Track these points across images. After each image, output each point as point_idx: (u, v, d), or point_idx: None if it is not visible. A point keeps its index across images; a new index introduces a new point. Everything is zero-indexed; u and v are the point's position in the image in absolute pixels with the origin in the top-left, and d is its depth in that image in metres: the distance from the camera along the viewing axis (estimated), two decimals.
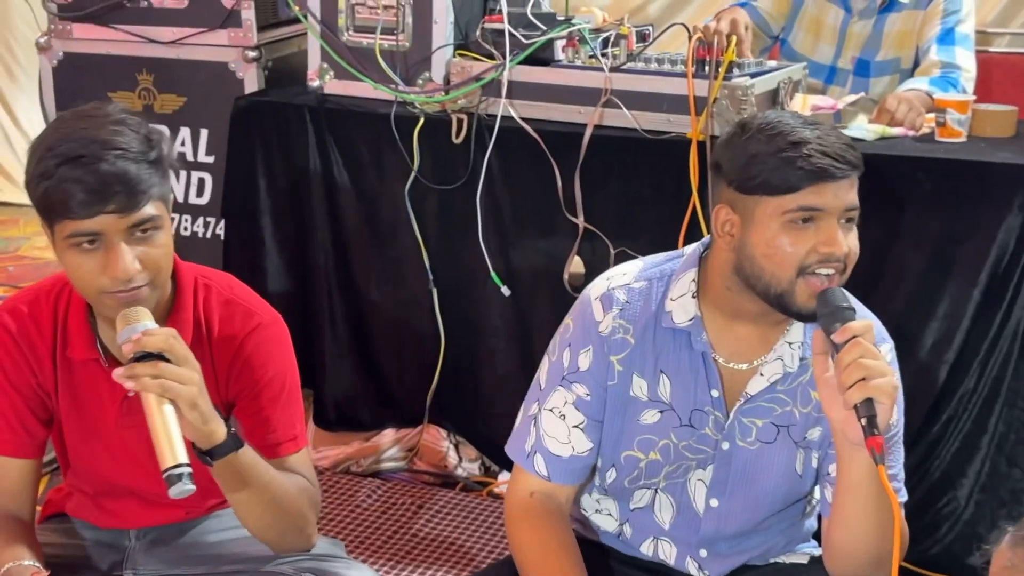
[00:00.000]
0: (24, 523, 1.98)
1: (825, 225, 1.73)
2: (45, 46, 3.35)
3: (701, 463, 1.89)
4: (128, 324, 1.75)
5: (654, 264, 1.92)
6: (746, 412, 1.86)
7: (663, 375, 1.87)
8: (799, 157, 1.71)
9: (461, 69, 2.81)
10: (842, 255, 1.73)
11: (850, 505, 1.76)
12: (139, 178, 1.74)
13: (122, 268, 1.75)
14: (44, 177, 1.73)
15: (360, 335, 3.07)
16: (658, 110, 2.64)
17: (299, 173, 3.00)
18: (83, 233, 1.75)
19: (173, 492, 1.69)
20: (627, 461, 1.91)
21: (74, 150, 1.72)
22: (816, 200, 1.72)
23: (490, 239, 2.85)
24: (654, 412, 1.88)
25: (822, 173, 1.71)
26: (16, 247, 5.04)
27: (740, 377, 1.86)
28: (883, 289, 2.51)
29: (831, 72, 3.28)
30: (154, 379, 1.71)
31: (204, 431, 1.76)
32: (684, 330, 1.85)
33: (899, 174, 2.52)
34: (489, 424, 2.99)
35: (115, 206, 1.73)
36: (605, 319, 1.88)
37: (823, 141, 1.72)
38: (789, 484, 1.89)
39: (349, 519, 2.83)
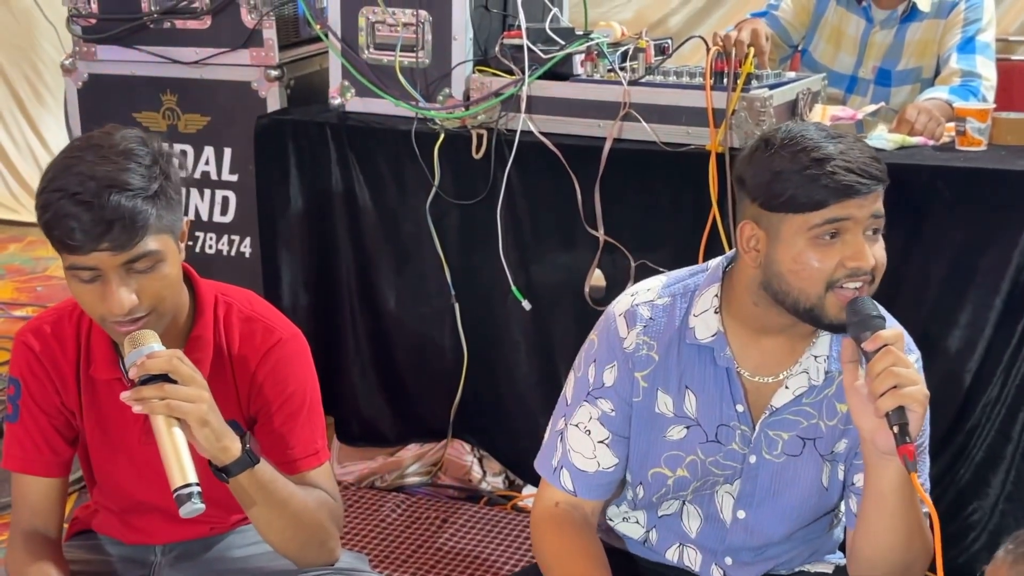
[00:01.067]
0: (51, 541, 2.00)
1: (851, 238, 1.73)
2: (70, 68, 3.38)
3: (728, 478, 1.90)
4: (134, 347, 1.77)
5: (678, 279, 1.92)
6: (772, 425, 1.86)
7: (688, 391, 1.88)
8: (823, 175, 1.71)
9: (480, 85, 2.83)
10: (869, 268, 1.73)
11: (877, 514, 1.77)
12: (135, 215, 1.73)
13: (116, 303, 1.77)
14: (44, 209, 1.75)
15: (383, 350, 3.09)
16: (677, 123, 2.65)
17: (321, 190, 3.02)
18: (79, 267, 1.77)
19: (184, 511, 1.71)
20: (654, 478, 1.92)
21: (72, 186, 1.72)
22: (841, 213, 1.72)
23: (510, 253, 2.86)
24: (680, 428, 1.89)
25: (847, 190, 1.70)
26: (44, 267, 5.08)
27: (765, 390, 1.86)
28: (905, 298, 2.50)
29: (852, 82, 3.28)
30: (160, 401, 1.73)
31: (218, 447, 1.77)
32: (708, 346, 1.85)
33: (919, 183, 2.52)
34: (512, 438, 3.00)
35: (109, 244, 1.73)
36: (629, 335, 1.89)
37: (847, 156, 1.72)
38: (816, 497, 1.89)
39: (374, 533, 2.84)
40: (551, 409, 2.01)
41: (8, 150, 5.71)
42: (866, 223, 1.73)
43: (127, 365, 1.77)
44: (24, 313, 4.50)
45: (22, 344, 1.99)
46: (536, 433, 2.82)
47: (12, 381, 2.00)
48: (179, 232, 1.85)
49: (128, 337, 1.78)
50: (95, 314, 1.82)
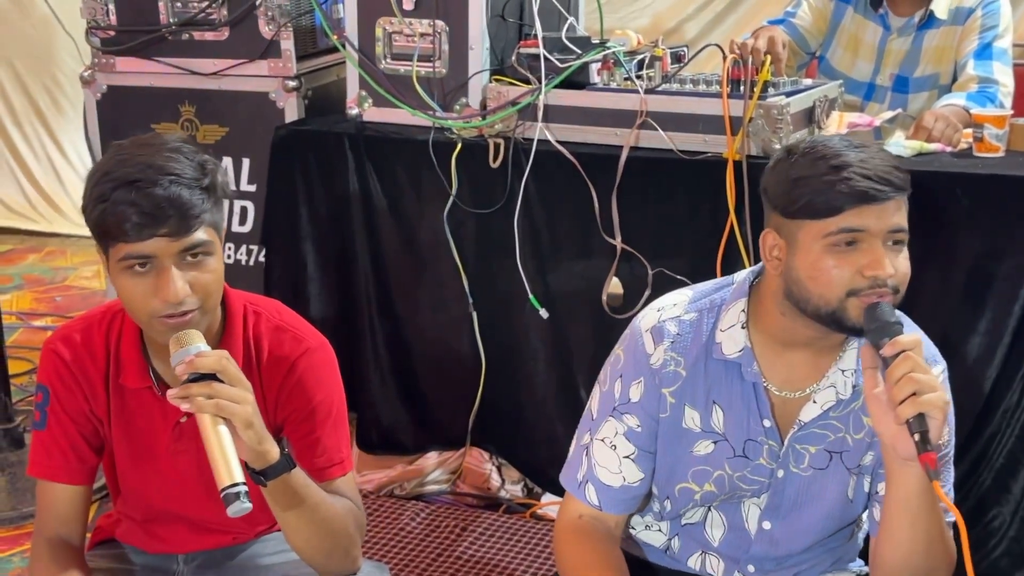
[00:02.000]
0: (75, 548, 2.01)
1: (868, 247, 1.72)
2: (89, 79, 3.40)
3: (756, 492, 1.90)
4: (181, 347, 1.78)
5: (704, 294, 1.92)
6: (800, 439, 1.86)
7: (716, 406, 1.88)
8: (840, 180, 1.71)
9: (497, 94, 2.84)
10: (887, 276, 1.72)
11: (899, 521, 1.76)
12: (191, 203, 1.78)
13: (172, 291, 1.79)
14: (100, 200, 1.78)
15: (401, 359, 3.10)
16: (694, 130, 2.66)
17: (339, 199, 3.04)
18: (135, 256, 1.79)
19: (231, 511, 1.71)
20: (682, 493, 1.92)
21: (130, 175, 1.77)
22: (857, 222, 1.72)
23: (528, 262, 2.87)
24: (707, 443, 1.89)
25: (863, 196, 1.71)
26: (63, 277, 5.11)
27: (793, 405, 1.86)
28: (924, 305, 2.49)
29: (870, 89, 3.28)
30: (208, 399, 1.74)
31: (258, 451, 1.78)
32: (735, 361, 1.85)
33: (937, 190, 2.51)
34: (530, 446, 3.01)
35: (167, 229, 1.77)
36: (656, 351, 1.89)
37: (866, 164, 1.72)
38: (841, 509, 1.90)
39: (394, 542, 2.85)
40: (569, 417, 2.02)
41: (28, 160, 5.75)
42: (884, 235, 1.73)
43: (174, 363, 1.78)
44: (43, 323, 4.53)
45: (51, 352, 2.00)
46: (555, 441, 2.87)
47: (41, 388, 2.01)
48: (223, 231, 1.88)
49: (174, 337, 1.80)
50: (145, 309, 1.82)
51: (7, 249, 5.50)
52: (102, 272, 5.08)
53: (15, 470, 3.19)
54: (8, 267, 5.24)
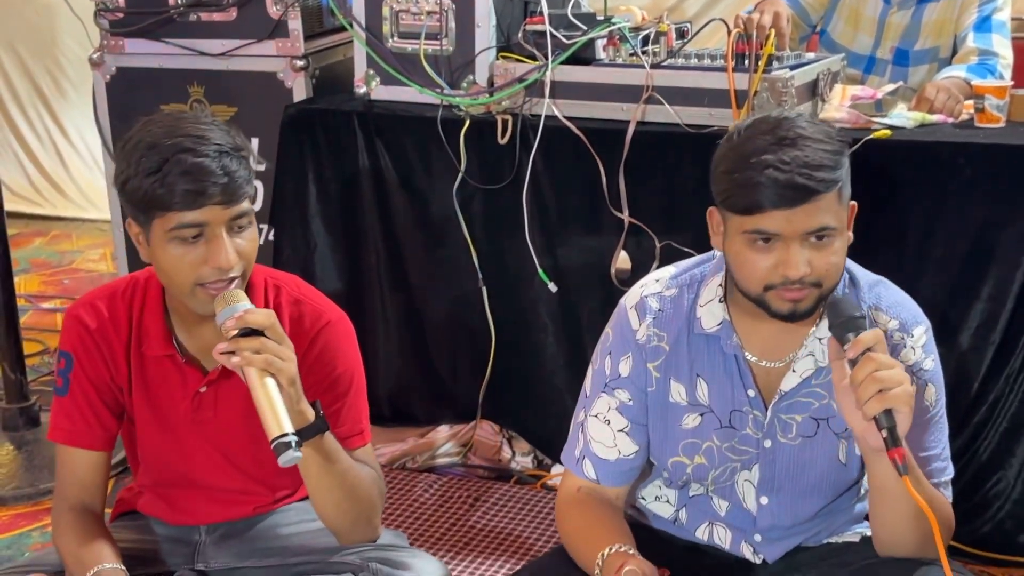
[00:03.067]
0: (98, 516, 2.05)
1: (783, 246, 1.75)
2: (98, 61, 3.43)
3: (746, 464, 1.93)
4: (227, 305, 1.83)
5: (685, 269, 1.97)
6: (783, 409, 1.89)
7: (700, 379, 1.92)
8: (747, 184, 1.73)
9: (504, 71, 2.87)
10: (797, 277, 1.75)
11: (882, 505, 1.81)
12: (238, 172, 1.84)
13: (226, 258, 1.84)
14: (149, 172, 1.82)
15: (412, 333, 3.14)
16: (700, 104, 2.69)
17: (349, 177, 3.07)
18: (187, 224, 1.83)
19: (283, 460, 1.75)
20: (675, 467, 1.97)
21: (179, 145, 1.81)
22: (768, 225, 1.74)
23: (536, 236, 2.90)
24: (694, 416, 1.93)
25: (772, 201, 1.72)
26: (70, 260, 5.14)
27: (775, 375, 1.89)
28: (927, 273, 2.54)
29: (870, 62, 3.31)
30: (257, 354, 1.79)
31: (297, 411, 1.83)
32: (714, 335, 1.89)
33: (940, 160, 2.55)
34: (540, 418, 3.05)
35: (220, 197, 1.82)
36: (641, 327, 1.94)
37: (784, 163, 1.71)
38: (835, 474, 1.93)
39: (407, 513, 2.89)
40: (578, 389, 2.06)
41: (32, 144, 5.76)
42: (801, 236, 1.74)
43: (221, 320, 1.83)
44: (52, 305, 4.55)
45: (75, 319, 2.04)
46: (564, 413, 2.88)
47: (63, 355, 2.05)
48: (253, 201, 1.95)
49: (219, 297, 1.85)
50: (191, 277, 1.87)
51: (13, 233, 5.45)
52: (108, 255, 5.11)
53: (32, 448, 3.23)
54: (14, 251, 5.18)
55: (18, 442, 3.26)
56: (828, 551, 1.99)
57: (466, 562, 2.68)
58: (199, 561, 2.10)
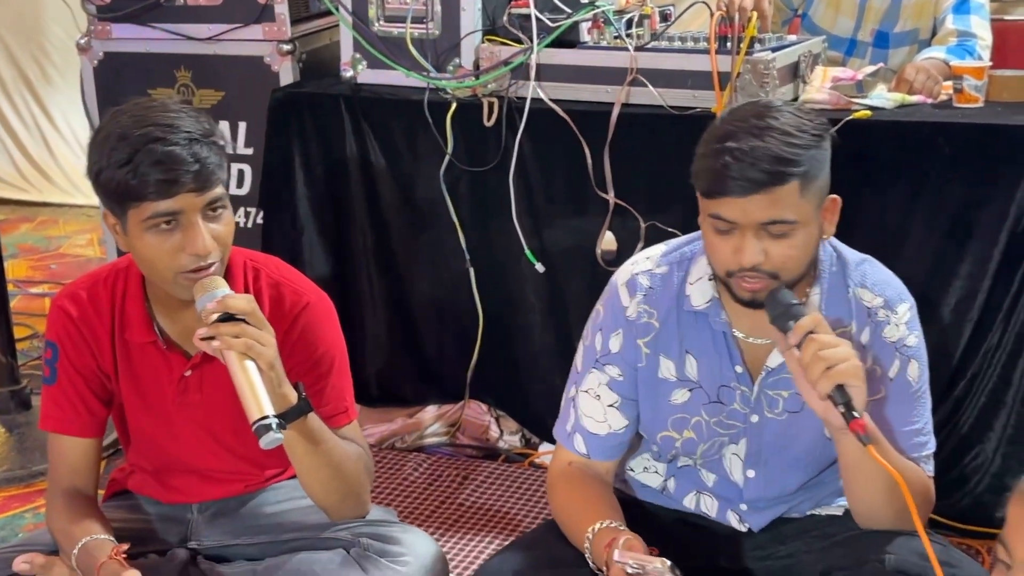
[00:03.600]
0: (90, 498, 2.08)
1: (740, 234, 1.78)
2: (85, 47, 3.44)
3: (733, 438, 1.97)
4: (206, 291, 1.86)
5: (675, 247, 2.00)
6: (770, 385, 1.93)
7: (689, 355, 1.95)
8: (710, 169, 1.77)
9: (490, 54, 2.89)
10: (748, 265, 1.78)
11: (854, 481, 1.86)
12: (209, 159, 1.86)
13: (201, 244, 1.86)
14: (120, 164, 1.83)
15: (400, 315, 3.16)
16: (683, 87, 2.72)
17: (337, 161, 3.09)
18: (162, 214, 1.85)
19: (264, 442, 1.78)
20: (664, 441, 2.00)
21: (149, 134, 1.83)
22: (725, 212, 1.78)
23: (523, 218, 2.92)
24: (683, 391, 1.97)
25: (722, 190, 1.76)
26: (57, 246, 5.15)
27: (762, 351, 1.93)
28: (907, 251, 2.58)
29: (851, 45, 3.34)
30: (237, 338, 1.81)
31: (279, 393, 1.86)
32: (703, 312, 1.93)
33: (919, 140, 2.59)
34: (528, 397, 3.08)
35: (192, 185, 1.84)
36: (631, 304, 1.97)
37: (743, 152, 1.74)
38: (820, 448, 1.96)
39: (397, 491, 2.92)
40: (566, 369, 2.09)
41: (17, 131, 5.76)
42: (756, 227, 1.77)
43: (200, 306, 1.85)
44: (40, 290, 4.57)
45: (59, 309, 2.06)
46: (551, 393, 2.92)
47: (50, 345, 2.07)
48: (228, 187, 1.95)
49: (199, 283, 1.87)
50: (171, 266, 1.89)
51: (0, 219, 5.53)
52: (95, 240, 5.13)
53: (23, 430, 3.25)
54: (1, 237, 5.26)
55: (9, 425, 3.28)
56: (812, 523, 2.03)
57: (455, 538, 2.72)
58: (192, 539, 2.12)
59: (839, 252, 1.95)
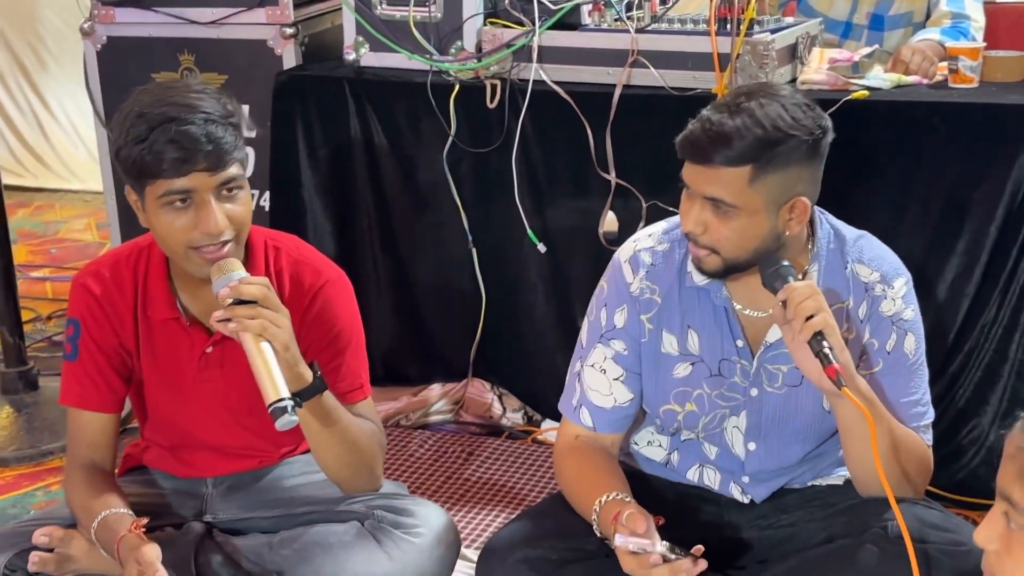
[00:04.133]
0: (108, 473, 2.11)
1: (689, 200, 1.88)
2: (89, 31, 3.45)
3: (734, 410, 2.01)
4: (223, 274, 1.89)
5: (676, 224, 2.03)
6: (769, 359, 1.97)
7: (691, 330, 2.00)
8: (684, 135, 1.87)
9: (492, 37, 2.93)
10: (685, 230, 1.88)
11: (851, 445, 1.90)
12: (224, 139, 1.89)
13: (213, 222, 1.90)
14: (137, 140, 1.87)
15: (404, 296, 3.20)
16: (683, 68, 2.76)
17: (340, 143, 3.12)
18: (175, 191, 1.89)
19: (280, 424, 1.82)
20: (666, 415, 2.04)
21: (166, 114, 1.87)
22: (684, 173, 1.87)
23: (526, 199, 2.96)
24: (686, 365, 2.01)
25: (681, 151, 1.86)
26: (55, 230, 5.15)
27: (761, 325, 1.97)
28: (905, 229, 2.62)
29: (847, 27, 3.37)
30: (252, 320, 1.85)
31: (295, 373, 1.89)
32: (705, 288, 1.97)
33: (915, 119, 2.63)
34: (530, 375, 3.12)
35: (205, 164, 1.88)
36: (635, 280, 2.02)
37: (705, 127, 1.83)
38: (819, 421, 2.01)
39: (404, 467, 2.96)
40: (568, 347, 2.13)
41: (13, 117, 5.76)
42: (701, 197, 1.84)
43: (217, 288, 1.89)
44: (41, 274, 4.59)
45: (81, 287, 2.09)
46: (553, 370, 2.97)
47: (71, 322, 2.10)
48: (246, 168, 1.98)
49: (216, 265, 1.91)
50: (183, 241, 1.92)
51: None
52: (93, 225, 5.14)
53: (31, 411, 3.28)
54: None
55: (18, 405, 3.31)
56: (813, 493, 2.07)
57: (462, 512, 2.76)
58: (207, 513, 2.16)
59: (836, 229, 1.99)
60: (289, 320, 1.90)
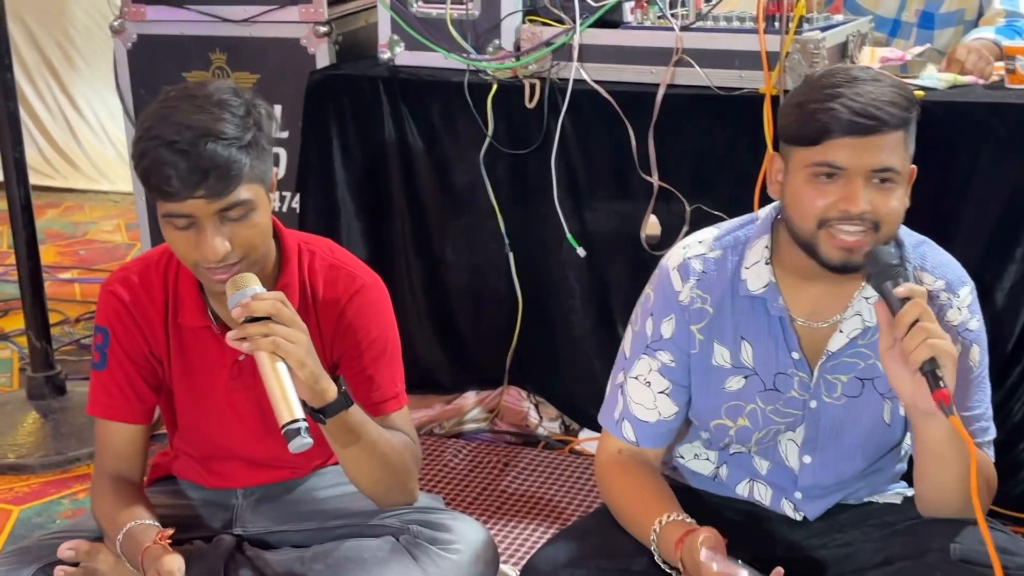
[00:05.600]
0: (136, 484, 2.06)
1: (846, 182, 1.76)
2: (119, 29, 3.41)
3: (790, 425, 1.94)
4: (237, 289, 1.83)
5: (728, 231, 1.96)
6: (829, 369, 1.90)
7: (744, 341, 1.92)
8: (821, 110, 1.74)
9: (531, 35, 2.86)
10: (857, 213, 1.75)
11: (933, 470, 1.82)
12: (229, 164, 1.79)
13: (210, 250, 1.82)
14: (141, 157, 1.81)
15: (439, 300, 3.13)
16: (730, 67, 2.67)
17: (375, 143, 3.06)
18: (175, 214, 1.82)
19: (293, 447, 1.75)
20: (717, 429, 1.97)
21: (169, 135, 1.78)
22: (836, 157, 1.75)
23: (565, 201, 2.89)
24: (738, 378, 1.93)
25: (845, 127, 1.73)
26: (84, 231, 5.13)
27: (820, 335, 1.89)
28: (961, 235, 2.54)
29: (895, 25, 3.30)
30: (266, 337, 1.78)
31: (316, 390, 1.83)
32: (760, 297, 1.89)
33: (973, 121, 2.54)
34: (567, 383, 3.05)
35: (204, 191, 1.79)
36: (684, 289, 1.93)
37: (859, 96, 1.73)
38: (879, 435, 1.93)
39: (438, 477, 2.89)
40: (606, 354, 2.07)
41: (42, 116, 5.74)
42: (867, 173, 1.75)
43: (231, 306, 1.82)
44: (69, 276, 4.55)
45: (110, 294, 2.04)
46: (592, 379, 2.91)
47: (100, 330, 2.05)
48: (270, 182, 1.90)
49: (231, 280, 1.84)
50: (188, 260, 1.87)
51: None
52: (123, 226, 5.11)
53: (58, 416, 3.23)
54: None
55: (44, 411, 3.26)
56: (870, 511, 2.00)
57: (499, 525, 2.69)
58: (237, 525, 2.11)
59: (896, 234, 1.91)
60: (307, 335, 1.82)
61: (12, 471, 3.05)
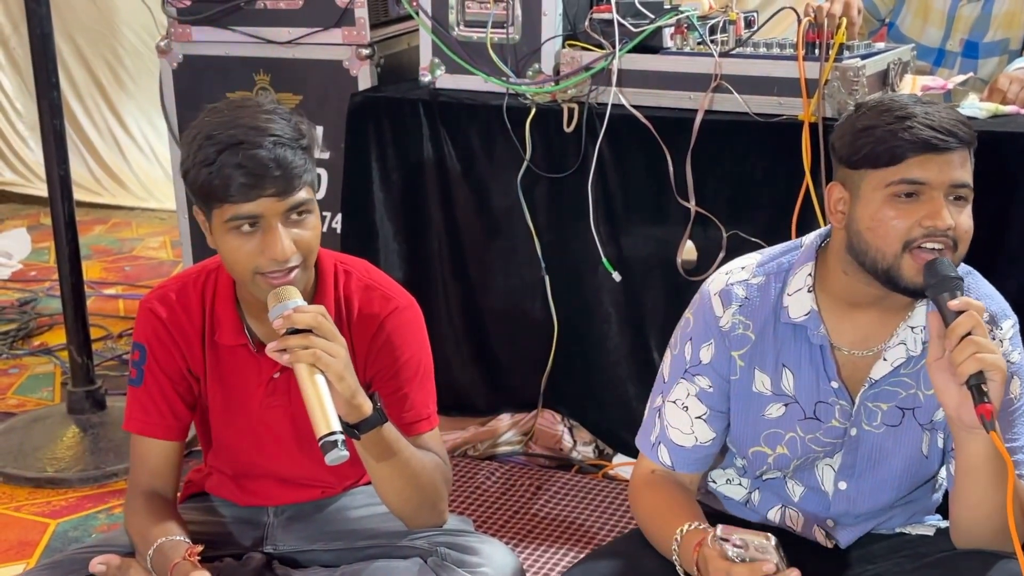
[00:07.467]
0: (168, 501, 2.07)
1: (928, 199, 1.75)
2: (165, 49, 3.46)
3: (829, 453, 1.92)
4: (279, 302, 1.84)
5: (771, 257, 1.95)
6: (871, 397, 1.88)
7: (785, 369, 1.90)
8: (903, 129, 1.74)
9: (571, 59, 2.86)
10: (945, 228, 1.74)
11: (971, 488, 1.79)
12: (294, 163, 1.84)
13: (280, 249, 1.84)
14: (205, 164, 1.83)
15: (474, 322, 3.14)
16: (769, 93, 2.67)
17: (413, 165, 3.07)
18: (243, 216, 1.84)
19: (329, 459, 1.76)
20: (755, 456, 1.96)
21: (234, 137, 1.82)
22: (919, 173, 1.74)
23: (601, 225, 2.89)
24: (779, 406, 1.92)
25: (925, 144, 1.74)
26: (131, 248, 5.19)
27: (863, 364, 1.88)
28: (1001, 266, 2.51)
29: (939, 55, 3.28)
30: (306, 350, 1.79)
31: (353, 404, 1.83)
32: (802, 324, 1.88)
33: (1015, 151, 2.52)
34: (602, 408, 3.04)
35: (273, 190, 1.83)
36: (725, 314, 1.92)
37: (931, 116, 1.75)
38: (916, 466, 1.92)
39: (470, 500, 2.89)
40: (641, 379, 2.06)
41: (90, 134, 5.82)
42: (946, 189, 1.75)
43: (272, 317, 1.84)
44: (114, 291, 4.60)
45: (148, 311, 2.06)
46: (626, 404, 2.90)
47: (137, 346, 2.07)
48: (316, 191, 1.93)
49: (272, 293, 1.86)
50: (250, 266, 1.88)
51: None
52: (168, 243, 5.17)
53: (97, 431, 3.26)
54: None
55: (84, 425, 3.29)
56: (903, 543, 1.97)
57: (530, 549, 2.68)
58: (267, 543, 2.11)
59: None
60: (346, 349, 1.84)
61: (50, 484, 3.08)
